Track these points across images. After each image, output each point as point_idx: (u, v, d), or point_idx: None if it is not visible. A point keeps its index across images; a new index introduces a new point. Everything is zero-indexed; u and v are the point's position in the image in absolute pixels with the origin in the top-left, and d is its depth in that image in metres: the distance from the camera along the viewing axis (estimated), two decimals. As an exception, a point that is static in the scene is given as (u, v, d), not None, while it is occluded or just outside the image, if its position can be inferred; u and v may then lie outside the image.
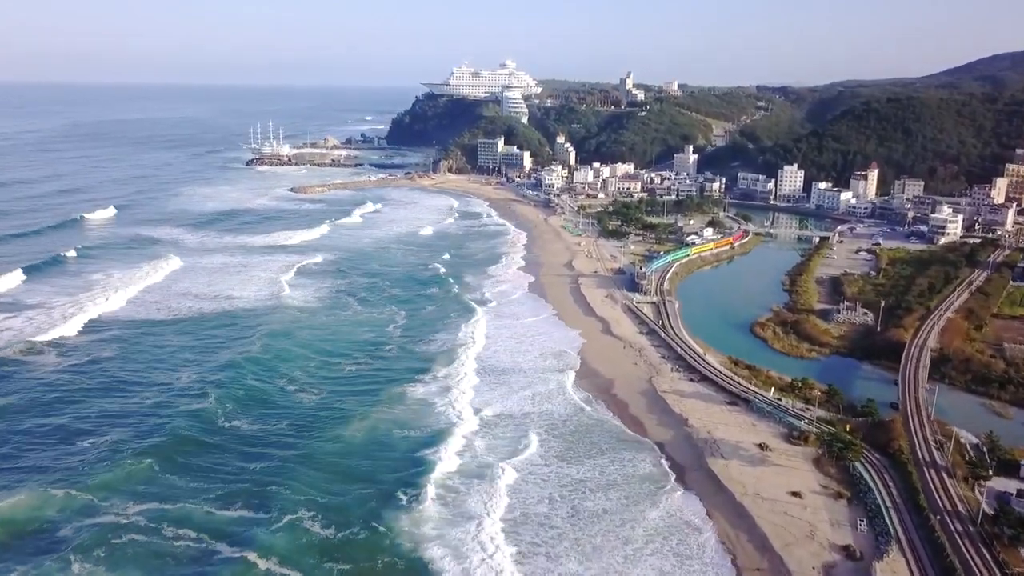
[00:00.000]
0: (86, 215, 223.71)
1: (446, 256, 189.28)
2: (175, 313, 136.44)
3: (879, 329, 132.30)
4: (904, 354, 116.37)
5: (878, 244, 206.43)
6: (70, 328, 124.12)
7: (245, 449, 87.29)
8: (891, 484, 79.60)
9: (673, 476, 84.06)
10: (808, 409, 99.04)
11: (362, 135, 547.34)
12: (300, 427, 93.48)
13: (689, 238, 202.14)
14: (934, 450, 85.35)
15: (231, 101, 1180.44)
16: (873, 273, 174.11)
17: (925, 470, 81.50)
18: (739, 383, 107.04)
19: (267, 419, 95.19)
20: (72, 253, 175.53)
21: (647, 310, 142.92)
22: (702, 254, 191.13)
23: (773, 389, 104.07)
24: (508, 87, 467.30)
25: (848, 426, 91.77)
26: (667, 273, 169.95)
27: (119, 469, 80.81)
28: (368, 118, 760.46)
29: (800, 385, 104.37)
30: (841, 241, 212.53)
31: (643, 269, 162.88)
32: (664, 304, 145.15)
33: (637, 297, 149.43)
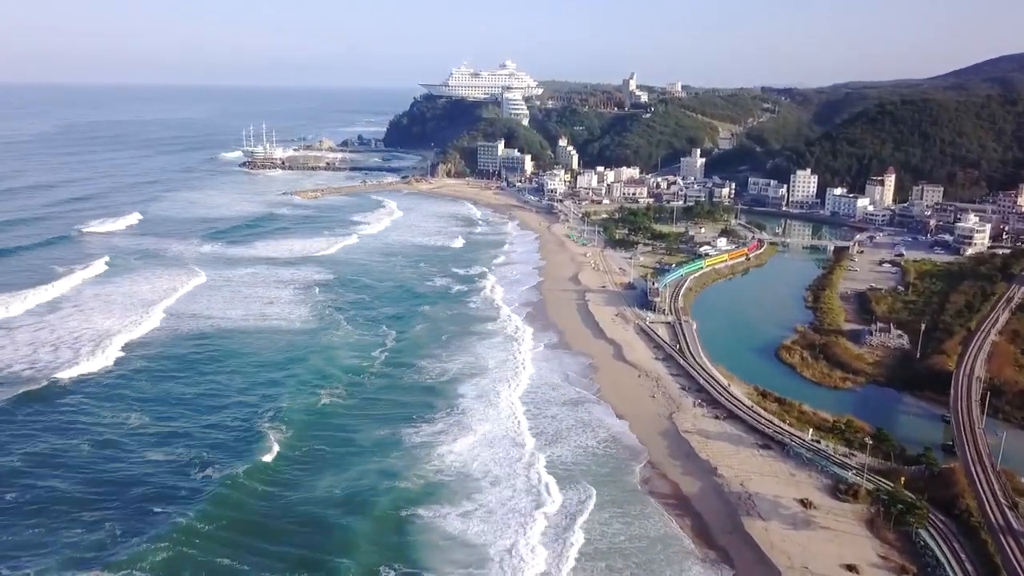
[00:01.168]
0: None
1: (442, 267, 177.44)
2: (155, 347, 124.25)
3: (918, 355, 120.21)
4: (952, 385, 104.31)
5: (901, 255, 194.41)
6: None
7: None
8: (964, 557, 67.46)
9: (702, 541, 72.03)
10: (852, 454, 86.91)
11: (359, 137, 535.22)
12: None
13: (702, 249, 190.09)
14: (1008, 511, 73.25)
15: (228, 102, 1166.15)
16: (901, 288, 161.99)
17: (1002, 538, 69.37)
18: (771, 422, 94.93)
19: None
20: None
21: (662, 331, 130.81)
22: (716, 266, 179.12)
23: (811, 430, 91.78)
24: (508, 88, 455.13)
25: (903, 478, 79.68)
26: (680, 288, 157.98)
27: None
28: (366, 119, 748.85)
29: (844, 427, 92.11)
30: (862, 251, 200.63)
31: (656, 285, 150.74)
32: (680, 324, 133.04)
33: (651, 316, 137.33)
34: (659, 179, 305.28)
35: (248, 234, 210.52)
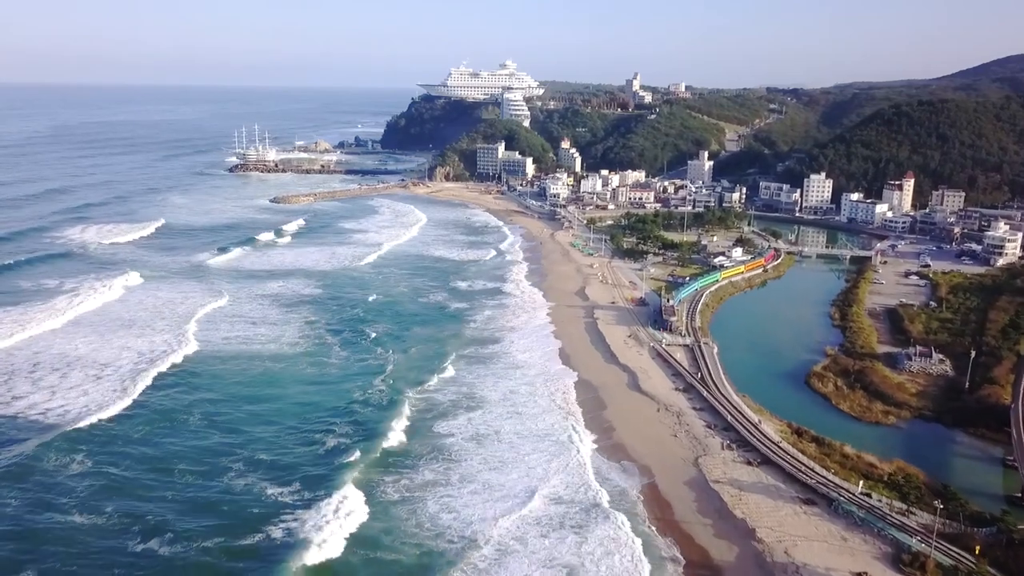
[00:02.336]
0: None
1: (440, 281, 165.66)
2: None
3: (967, 384, 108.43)
4: (1013, 423, 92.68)
5: (927, 266, 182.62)
6: None
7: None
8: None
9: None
10: (911, 512, 75.12)
11: (356, 139, 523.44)
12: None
13: (716, 260, 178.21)
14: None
15: (226, 103, 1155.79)
16: (933, 304, 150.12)
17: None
18: (812, 469, 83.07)
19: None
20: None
21: (680, 356, 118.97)
22: (732, 279, 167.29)
23: (861, 483, 79.85)
24: (508, 88, 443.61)
25: (976, 546, 67.97)
26: (696, 304, 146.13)
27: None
28: (364, 121, 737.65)
29: (902, 482, 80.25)
30: (884, 262, 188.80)
31: (671, 302, 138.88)
32: (700, 347, 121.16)
33: (667, 338, 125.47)
34: (666, 183, 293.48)
35: (234, 244, 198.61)
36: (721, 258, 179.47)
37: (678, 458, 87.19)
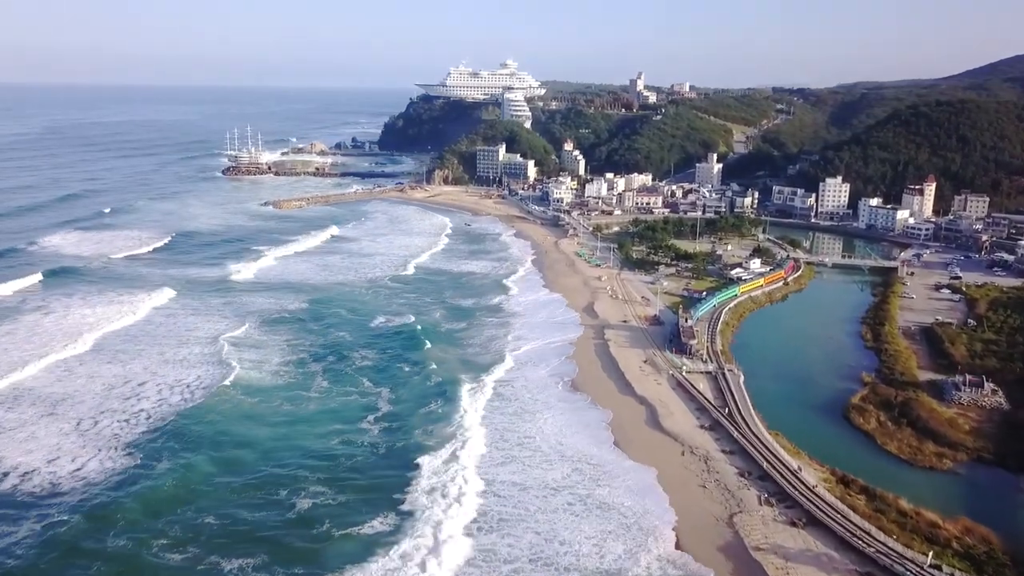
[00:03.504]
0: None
1: (436, 296, 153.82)
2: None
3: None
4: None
5: (959, 278, 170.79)
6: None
7: None
8: None
9: None
10: (991, 590, 63.29)
11: (353, 140, 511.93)
12: None
13: (733, 272, 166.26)
14: None
15: (224, 103, 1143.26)
16: (972, 322, 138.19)
17: None
18: (867, 533, 71.16)
19: None
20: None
21: (703, 385, 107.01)
22: (752, 293, 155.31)
23: (931, 554, 67.93)
24: (509, 88, 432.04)
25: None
26: (716, 322, 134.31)
27: None
28: (362, 121, 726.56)
29: (983, 556, 68.33)
30: (911, 273, 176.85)
31: (690, 322, 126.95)
32: (724, 376, 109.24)
33: (687, 364, 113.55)
34: (673, 187, 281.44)
35: (217, 252, 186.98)
36: (738, 270, 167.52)
37: (710, 516, 75.29)
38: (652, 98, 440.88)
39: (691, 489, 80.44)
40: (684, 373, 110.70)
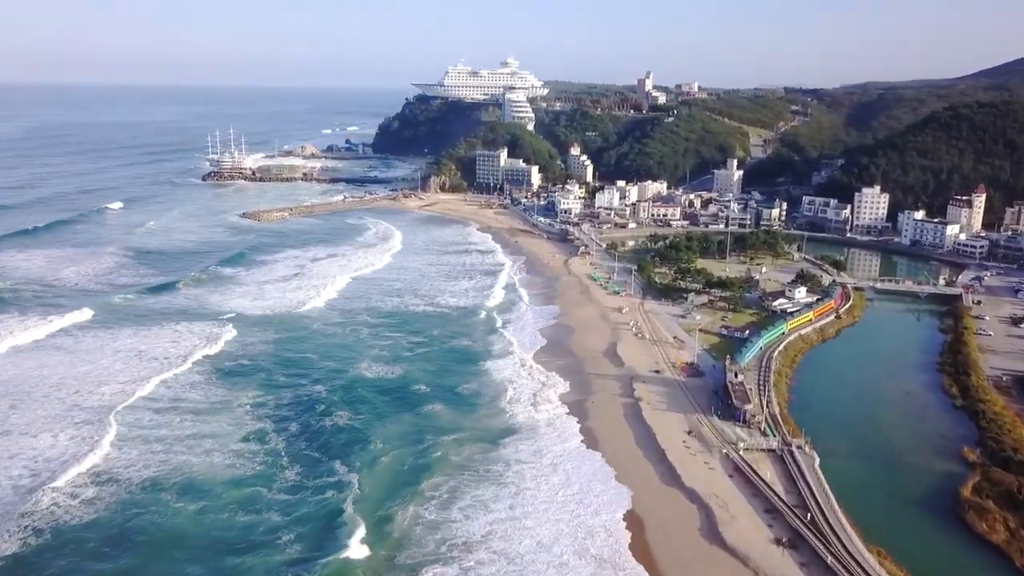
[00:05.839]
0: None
1: (425, 335, 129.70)
2: None
3: None
4: None
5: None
6: None
7: None
8: None
9: None
10: None
11: (347, 142, 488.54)
12: None
13: (777, 303, 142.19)
14: None
15: (220, 103, 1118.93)
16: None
17: None
18: None
19: None
20: None
21: (768, 471, 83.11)
22: (802, 331, 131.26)
23: None
24: (511, 88, 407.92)
25: None
26: (767, 372, 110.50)
27: None
28: (358, 122, 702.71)
29: None
30: (978, 301, 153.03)
31: (739, 377, 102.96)
32: (793, 457, 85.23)
33: (743, 440, 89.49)
34: (691, 196, 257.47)
35: (178, 277, 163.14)
36: (782, 300, 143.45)
37: None
38: (662, 99, 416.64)
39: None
40: (741, 452, 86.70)
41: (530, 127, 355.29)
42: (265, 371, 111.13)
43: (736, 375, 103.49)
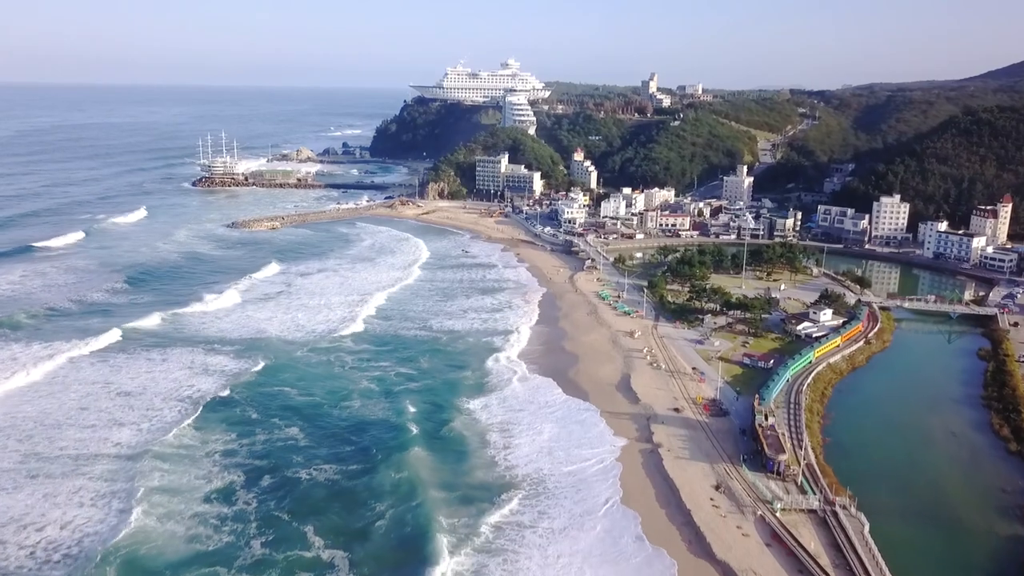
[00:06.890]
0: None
1: (416, 371, 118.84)
2: None
3: None
4: None
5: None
6: None
7: None
8: None
9: None
10: None
11: (344, 145, 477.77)
12: None
13: (801, 328, 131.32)
14: None
15: (216, 104, 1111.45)
16: None
17: None
18: None
19: None
20: None
21: (811, 539, 72.31)
22: (830, 359, 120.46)
23: None
24: (511, 90, 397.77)
25: None
26: (797, 409, 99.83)
27: None
28: (356, 123, 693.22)
29: None
30: (1015, 324, 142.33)
31: (770, 420, 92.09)
32: (838, 520, 74.45)
33: (779, 498, 78.57)
34: (700, 204, 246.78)
35: (153, 294, 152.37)
36: (807, 324, 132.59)
37: None
38: (666, 101, 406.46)
39: None
40: (779, 513, 75.93)
41: (531, 131, 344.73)
42: (227, 407, 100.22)
43: (766, 417, 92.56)
